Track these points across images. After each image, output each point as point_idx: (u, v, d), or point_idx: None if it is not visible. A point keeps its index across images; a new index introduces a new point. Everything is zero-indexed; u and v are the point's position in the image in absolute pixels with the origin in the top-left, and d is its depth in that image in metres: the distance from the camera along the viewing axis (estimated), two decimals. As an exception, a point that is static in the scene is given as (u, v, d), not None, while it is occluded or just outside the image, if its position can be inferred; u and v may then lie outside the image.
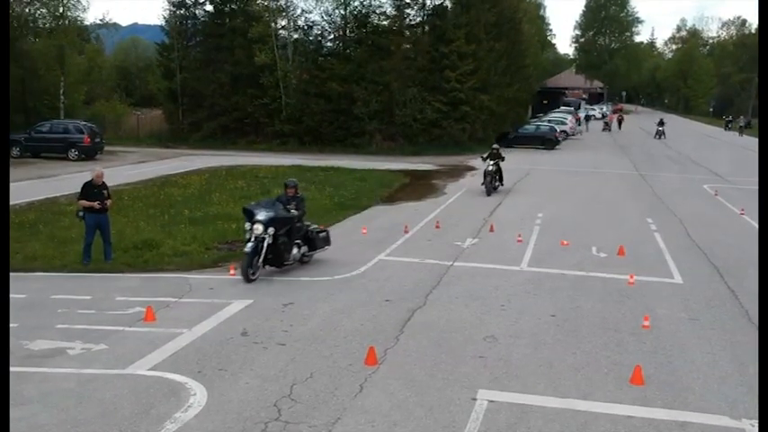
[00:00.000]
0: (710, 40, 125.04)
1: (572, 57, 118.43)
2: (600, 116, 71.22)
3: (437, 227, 17.08)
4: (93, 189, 12.80)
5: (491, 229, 16.85)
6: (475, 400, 7.42)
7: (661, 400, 7.57)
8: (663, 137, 52.78)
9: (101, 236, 12.95)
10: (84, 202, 12.68)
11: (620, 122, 64.73)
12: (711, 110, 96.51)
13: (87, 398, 7.27)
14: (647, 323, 9.97)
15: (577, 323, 10.06)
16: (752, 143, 49.21)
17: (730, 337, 9.64)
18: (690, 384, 8.04)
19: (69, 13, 40.68)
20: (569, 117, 55.76)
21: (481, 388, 7.72)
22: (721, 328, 10.01)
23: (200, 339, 9.09)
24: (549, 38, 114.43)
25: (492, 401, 7.39)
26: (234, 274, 12.38)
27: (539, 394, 7.62)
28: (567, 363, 8.55)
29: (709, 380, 8.16)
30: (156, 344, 8.87)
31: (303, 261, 13.19)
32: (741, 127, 62.18)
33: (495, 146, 23.71)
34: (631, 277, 12.37)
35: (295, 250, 12.77)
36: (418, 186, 25.55)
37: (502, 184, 23.74)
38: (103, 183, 12.98)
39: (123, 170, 28.14)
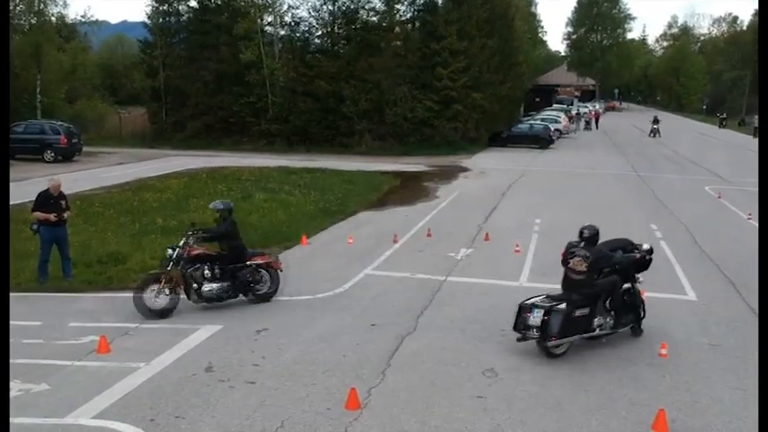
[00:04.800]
0: (702, 38, 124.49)
1: (563, 54, 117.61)
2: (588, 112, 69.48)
3: (429, 235, 15.96)
4: (49, 200, 11.61)
5: (486, 238, 15.76)
6: (474, 456, 6.32)
7: (691, 453, 6.50)
8: (658, 135, 51.80)
9: (59, 251, 11.78)
10: (39, 214, 11.49)
11: (596, 120, 63.64)
12: (704, 107, 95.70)
13: (13, 458, 6.13)
14: (664, 351, 8.89)
15: (587, 352, 8.95)
16: (752, 143, 48.36)
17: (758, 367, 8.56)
18: (721, 430, 6.99)
19: (48, 10, 39.34)
20: (562, 115, 54.74)
21: (481, 439, 6.62)
22: (746, 356, 8.92)
23: (159, 376, 7.93)
24: (540, 35, 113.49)
25: (494, 458, 6.30)
26: (205, 294, 11.23)
27: (548, 447, 6.53)
28: (579, 404, 7.45)
29: (742, 425, 7.09)
30: (107, 383, 7.71)
31: None
32: (756, 128, 53.12)
33: None
34: (642, 294, 11.27)
35: None
36: (409, 189, 24.43)
37: None
38: (61, 193, 11.79)
39: (100, 173, 26.97)
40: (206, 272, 10.43)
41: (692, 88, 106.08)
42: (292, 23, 41.47)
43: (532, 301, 8.89)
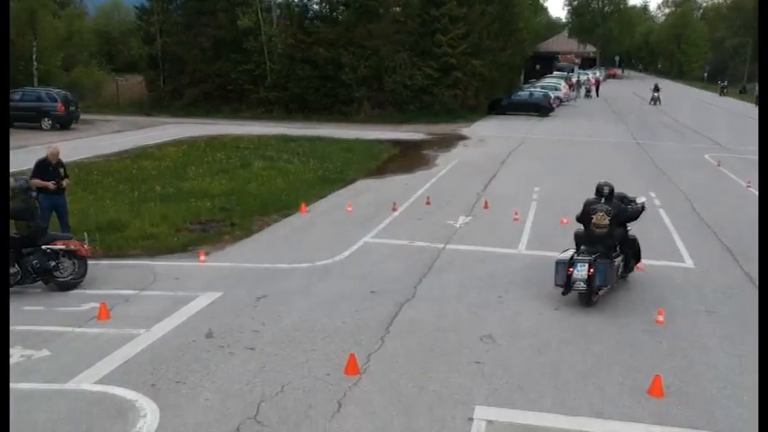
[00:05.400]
0: (704, 4, 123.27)
1: (564, 20, 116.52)
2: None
3: (428, 203, 15.95)
4: (48, 168, 11.59)
5: (485, 206, 15.76)
6: (471, 420, 6.39)
7: (685, 418, 6.58)
8: (658, 103, 51.52)
9: (58, 219, 11.79)
10: (38, 182, 11.45)
11: (596, 87, 63.05)
12: (705, 75, 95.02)
13: (16, 422, 6.17)
14: (661, 318, 8.95)
15: (584, 318, 9.02)
16: (753, 110, 48.07)
17: (753, 334, 8.60)
18: (715, 396, 7.05)
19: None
20: (563, 83, 54.34)
21: (478, 404, 6.69)
22: (743, 323, 8.99)
23: (159, 343, 8.00)
24: (540, 1, 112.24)
25: (491, 422, 6.37)
26: (204, 261, 11.28)
27: (545, 411, 6.60)
28: (576, 369, 7.52)
29: (737, 390, 7.15)
30: (107, 349, 7.77)
31: None
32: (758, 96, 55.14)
33: None
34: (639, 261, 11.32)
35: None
36: (408, 157, 24.35)
37: None
38: (60, 161, 11.77)
39: (98, 141, 26.85)
40: None
41: (693, 56, 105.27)
42: (290, -11, 41.01)
43: (569, 256, 9.46)
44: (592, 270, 9.16)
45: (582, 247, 9.68)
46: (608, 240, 9.72)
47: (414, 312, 9.11)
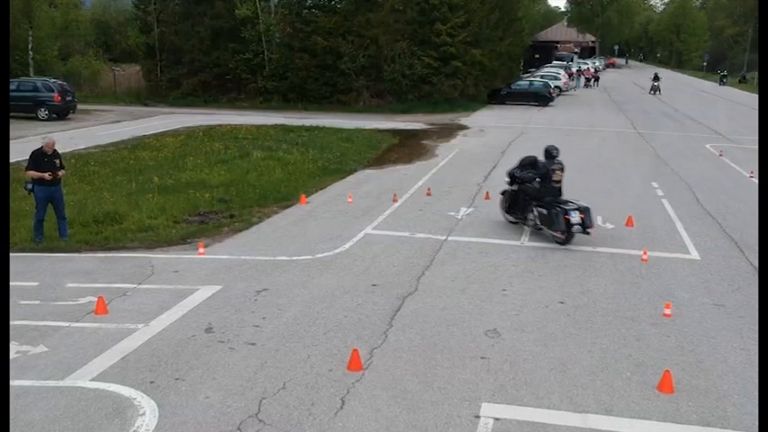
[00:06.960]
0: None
1: (563, 9, 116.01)
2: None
3: (428, 194, 15.78)
4: (43, 158, 11.40)
5: (486, 197, 15.60)
6: (478, 417, 6.25)
7: (696, 414, 6.44)
8: (658, 92, 51.35)
9: (54, 211, 11.61)
10: (34, 173, 11.29)
11: (596, 78, 62.61)
12: (705, 64, 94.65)
13: (12, 421, 6.01)
14: (668, 311, 8.80)
15: (590, 311, 8.88)
16: (753, 100, 47.87)
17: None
18: (727, 391, 6.91)
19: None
20: (562, 72, 54.04)
21: (485, 401, 6.55)
22: (750, 316, 8.86)
23: (158, 338, 7.83)
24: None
25: (498, 419, 6.22)
26: (203, 253, 11.11)
27: (553, 408, 6.46)
28: (583, 364, 7.38)
29: (747, 385, 7.01)
30: (106, 344, 7.61)
31: None
32: None
33: None
34: (645, 253, 11.19)
35: None
36: (407, 147, 24.14)
37: None
38: (55, 151, 11.57)
39: (95, 131, 26.63)
40: None
41: (692, 45, 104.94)
42: (288, -23, 40.63)
43: (558, 208, 11.48)
44: (582, 215, 11.40)
45: (547, 199, 11.83)
46: (560, 191, 12.07)
47: (416, 306, 8.96)
